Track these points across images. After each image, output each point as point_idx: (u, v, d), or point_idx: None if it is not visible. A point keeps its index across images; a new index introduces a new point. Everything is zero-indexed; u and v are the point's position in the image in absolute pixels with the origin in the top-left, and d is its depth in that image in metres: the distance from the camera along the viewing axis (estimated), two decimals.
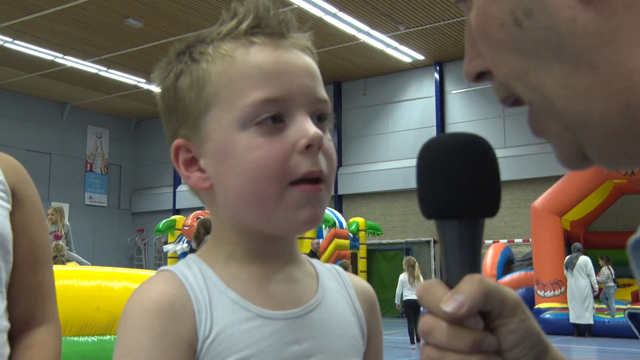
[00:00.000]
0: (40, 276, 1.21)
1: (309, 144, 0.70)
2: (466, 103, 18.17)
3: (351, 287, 0.82)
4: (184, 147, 0.75)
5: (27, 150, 20.06)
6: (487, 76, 0.52)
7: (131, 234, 23.81)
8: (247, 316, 0.70)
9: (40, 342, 1.18)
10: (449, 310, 0.50)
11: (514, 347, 0.52)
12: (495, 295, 0.51)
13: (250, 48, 0.72)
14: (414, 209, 18.61)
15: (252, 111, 0.70)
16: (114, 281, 3.23)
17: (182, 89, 0.74)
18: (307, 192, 0.70)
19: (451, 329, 0.50)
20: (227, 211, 0.74)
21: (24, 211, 1.20)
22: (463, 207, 0.52)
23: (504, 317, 0.52)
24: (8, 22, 15.12)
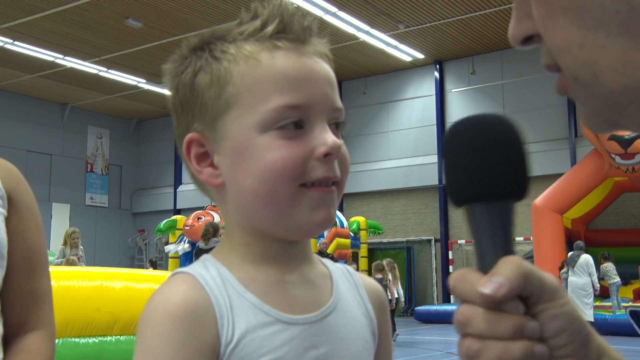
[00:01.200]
0: (35, 282, 1.20)
1: (328, 152, 0.70)
2: (466, 101, 18.16)
3: (362, 288, 0.82)
4: (197, 141, 0.74)
5: (27, 151, 20.08)
6: (536, 40, 0.48)
7: (132, 234, 23.82)
8: (268, 321, 0.70)
9: (32, 347, 1.17)
10: (488, 291, 0.47)
11: (559, 334, 0.49)
12: (534, 277, 0.49)
13: (275, 52, 0.72)
14: (415, 208, 18.61)
15: (274, 116, 0.70)
16: (115, 281, 3.23)
17: (201, 86, 0.73)
18: (321, 194, 0.71)
19: (491, 314, 0.47)
20: (239, 210, 0.74)
21: (20, 217, 1.19)
22: (492, 189, 0.51)
23: (545, 301, 0.49)
24: (8, 24, 15.12)
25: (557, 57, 0.46)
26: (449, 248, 17.60)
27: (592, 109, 0.46)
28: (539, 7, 0.46)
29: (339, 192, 0.73)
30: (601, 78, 0.43)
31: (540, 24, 0.46)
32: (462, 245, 17.54)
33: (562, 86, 0.47)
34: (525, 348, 0.47)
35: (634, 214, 15.77)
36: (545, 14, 0.45)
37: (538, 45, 0.48)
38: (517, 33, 0.49)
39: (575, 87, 0.46)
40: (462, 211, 0.52)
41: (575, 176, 13.02)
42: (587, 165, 13.01)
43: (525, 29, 0.48)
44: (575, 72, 0.45)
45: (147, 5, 14.42)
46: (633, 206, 15.76)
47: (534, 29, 0.47)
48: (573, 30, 0.43)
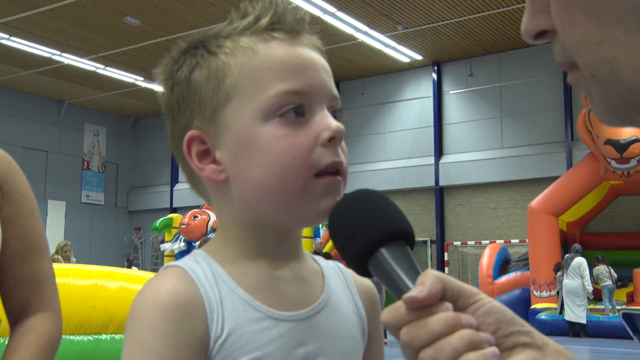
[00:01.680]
0: (35, 266, 1.20)
1: (332, 136, 0.71)
2: (464, 103, 18.18)
3: (353, 286, 0.82)
4: (198, 138, 0.74)
5: (23, 148, 20.02)
6: (549, 35, 0.48)
7: (128, 233, 23.77)
8: (257, 317, 0.70)
9: (34, 328, 1.17)
10: (414, 294, 0.50)
11: (499, 326, 0.51)
12: (451, 281, 0.52)
13: (271, 42, 0.73)
14: (411, 209, 18.62)
15: (275, 102, 0.70)
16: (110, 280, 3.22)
17: (198, 81, 0.74)
18: (330, 183, 0.71)
19: (425, 320, 0.50)
20: (244, 204, 0.73)
21: (13, 203, 1.19)
22: (375, 239, 0.58)
23: (471, 302, 0.52)
24: (5, 19, 15.07)
25: (574, 53, 0.45)
26: (444, 250, 17.62)
27: (609, 106, 0.46)
28: (557, 2, 0.45)
29: (344, 182, 0.74)
30: (620, 75, 0.43)
31: (558, 19, 0.45)
32: (457, 247, 17.56)
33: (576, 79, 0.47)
34: (470, 333, 0.49)
35: (629, 218, 15.81)
36: (563, 9, 0.44)
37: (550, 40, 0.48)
38: (531, 27, 0.48)
39: (592, 84, 0.45)
40: (370, 268, 0.59)
41: (571, 179, 13.04)
42: (583, 169, 13.04)
43: (539, 23, 0.47)
44: (593, 69, 0.44)
45: (145, 3, 14.40)
46: (628, 209, 15.80)
47: (548, 24, 0.47)
48: (592, 27, 0.43)
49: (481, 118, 17.80)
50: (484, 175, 17.31)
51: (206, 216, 14.26)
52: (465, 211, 17.85)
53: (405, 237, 0.59)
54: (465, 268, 17.59)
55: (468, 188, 17.71)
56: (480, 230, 17.47)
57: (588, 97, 0.47)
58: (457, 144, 18.02)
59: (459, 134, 18.06)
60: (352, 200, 0.63)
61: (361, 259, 0.58)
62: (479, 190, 17.52)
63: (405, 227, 0.60)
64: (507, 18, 15.31)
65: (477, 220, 17.62)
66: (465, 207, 17.86)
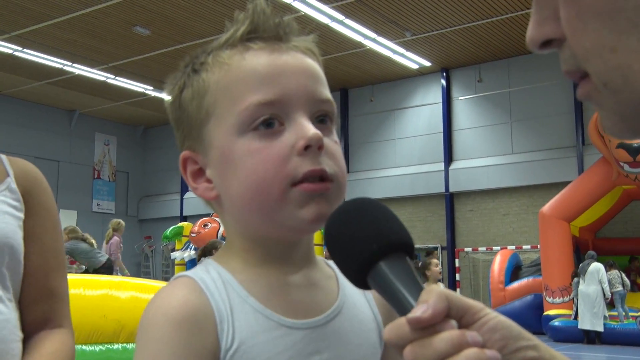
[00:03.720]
0: (53, 282, 1.21)
1: (307, 145, 0.68)
2: (473, 109, 18.13)
3: (369, 292, 0.80)
4: (191, 158, 0.75)
5: (35, 158, 20.16)
6: (555, 44, 0.46)
7: (138, 241, 23.84)
8: (269, 326, 0.69)
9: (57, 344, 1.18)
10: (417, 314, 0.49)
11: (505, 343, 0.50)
12: (456, 298, 0.51)
13: (245, 54, 0.72)
14: (421, 215, 18.56)
15: (248, 115, 0.69)
16: (121, 290, 3.23)
17: (186, 101, 0.74)
18: (309, 191, 0.69)
19: (431, 339, 0.48)
20: (234, 219, 0.73)
21: (37, 217, 1.20)
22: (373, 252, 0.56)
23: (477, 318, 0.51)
24: (18, 31, 15.23)
25: (585, 61, 0.44)
26: (455, 256, 17.53)
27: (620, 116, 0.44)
28: (568, 8, 0.43)
29: (337, 188, 0.71)
30: (634, 83, 0.41)
31: (568, 26, 0.44)
32: (468, 253, 17.47)
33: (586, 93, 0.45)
34: (476, 352, 0.48)
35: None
36: (574, 15, 0.43)
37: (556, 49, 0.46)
38: (537, 36, 0.47)
39: (604, 94, 0.44)
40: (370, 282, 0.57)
41: (583, 184, 12.95)
42: (595, 173, 12.95)
43: (546, 32, 0.46)
44: (606, 77, 0.43)
45: (155, 14, 14.50)
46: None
47: (555, 33, 0.45)
48: (605, 34, 0.41)
49: (491, 124, 17.73)
50: (494, 181, 17.23)
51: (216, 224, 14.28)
52: (475, 217, 17.76)
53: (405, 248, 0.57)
54: (477, 274, 17.48)
55: (478, 194, 17.63)
56: (491, 236, 17.37)
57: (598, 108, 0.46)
58: (467, 150, 17.96)
59: (468, 139, 18.00)
60: (348, 211, 0.60)
61: (359, 273, 0.57)
62: (489, 196, 17.43)
63: (404, 237, 0.58)
64: (515, 23, 15.28)
65: (488, 226, 17.52)
66: (475, 213, 17.77)
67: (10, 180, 1.19)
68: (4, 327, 1.11)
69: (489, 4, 14.22)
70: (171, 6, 14.13)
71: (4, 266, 1.13)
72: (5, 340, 1.11)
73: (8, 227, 1.14)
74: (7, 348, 1.11)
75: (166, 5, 14.11)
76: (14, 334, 1.13)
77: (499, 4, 14.20)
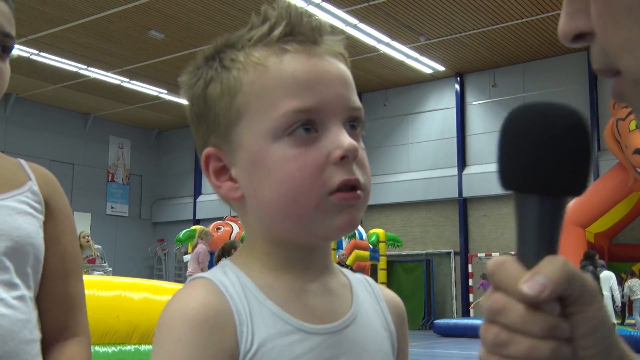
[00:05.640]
0: (71, 287, 1.22)
1: (344, 155, 0.68)
2: (487, 114, 18.05)
3: (382, 300, 0.81)
4: (215, 155, 0.73)
5: (50, 160, 20.36)
6: (588, 38, 0.45)
7: (152, 244, 23.97)
8: (287, 330, 0.69)
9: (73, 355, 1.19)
10: (530, 292, 0.46)
11: (587, 336, 0.48)
12: (577, 280, 0.48)
13: (283, 56, 0.71)
14: (435, 220, 18.48)
15: (285, 121, 0.69)
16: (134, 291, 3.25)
17: (213, 97, 0.72)
18: (345, 201, 0.69)
19: (527, 311, 0.46)
20: (260, 221, 0.73)
21: (56, 222, 1.22)
22: (549, 182, 0.47)
23: (582, 304, 0.48)
24: (35, 35, 15.40)
25: (616, 58, 0.43)
26: (468, 261, 17.43)
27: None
28: (598, 4, 0.42)
29: (366, 196, 0.71)
30: None
31: (598, 22, 0.43)
32: (482, 259, 17.37)
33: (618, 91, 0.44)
34: (553, 349, 0.47)
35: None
36: (604, 11, 0.42)
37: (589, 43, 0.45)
38: (569, 30, 0.46)
39: (636, 91, 0.43)
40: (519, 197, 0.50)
41: (599, 190, 12.83)
42: (611, 179, 12.83)
43: (578, 25, 0.45)
44: (638, 74, 0.42)
45: (169, 17, 14.60)
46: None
47: (587, 26, 0.44)
48: (636, 30, 0.41)
49: None
50: None
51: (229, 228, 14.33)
52: (489, 222, 17.66)
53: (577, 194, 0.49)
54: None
55: (492, 199, 17.53)
56: (504, 242, 17.26)
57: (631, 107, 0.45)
58: (480, 155, 17.88)
59: (482, 144, 17.92)
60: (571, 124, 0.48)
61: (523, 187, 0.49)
62: (503, 201, 17.32)
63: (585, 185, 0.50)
64: (530, 28, 15.20)
65: (501, 232, 17.41)
66: (489, 219, 17.67)
67: (32, 183, 1.21)
68: (24, 326, 1.12)
69: (504, 9, 14.16)
70: (186, 10, 14.22)
71: (28, 265, 1.15)
72: (26, 339, 1.12)
73: (31, 227, 1.16)
74: (27, 348, 1.12)
75: (181, 10, 14.21)
76: (33, 333, 1.14)
77: (513, 8, 14.14)
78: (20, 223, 1.15)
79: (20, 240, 1.13)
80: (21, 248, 1.13)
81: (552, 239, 0.49)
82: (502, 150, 0.50)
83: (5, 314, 1.09)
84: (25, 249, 1.14)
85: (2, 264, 1.11)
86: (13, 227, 1.13)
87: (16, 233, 1.13)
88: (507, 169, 0.49)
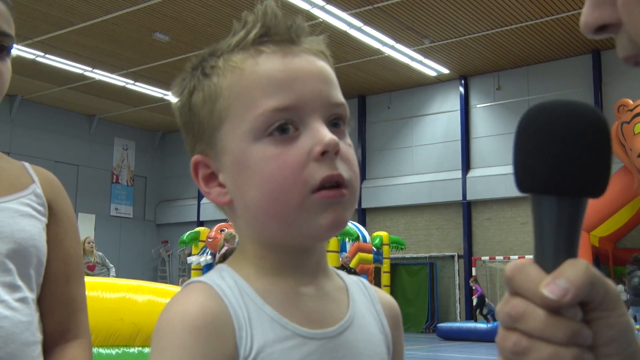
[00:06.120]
0: (73, 289, 1.23)
1: (324, 150, 0.68)
2: (491, 117, 18.02)
3: (378, 303, 0.80)
4: (203, 162, 0.74)
5: (55, 162, 20.42)
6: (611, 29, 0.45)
7: (155, 246, 24.01)
8: (285, 335, 0.68)
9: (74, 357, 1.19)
10: (552, 296, 0.45)
11: (610, 343, 0.46)
12: (599, 284, 0.46)
13: (258, 58, 0.71)
14: (438, 223, 18.45)
15: (263, 121, 0.69)
16: (138, 294, 3.25)
17: (196, 105, 0.73)
18: (328, 199, 0.68)
19: (548, 316, 0.45)
20: (249, 225, 0.73)
21: (59, 224, 1.23)
22: (571, 181, 0.46)
23: (604, 309, 0.47)
24: (40, 37, 15.47)
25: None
26: (472, 264, 17.40)
27: None
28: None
29: (351, 194, 0.70)
30: None
31: (625, 11, 0.43)
32: (485, 262, 17.33)
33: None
34: (576, 356, 0.45)
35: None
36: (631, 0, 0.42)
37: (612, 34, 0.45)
38: (592, 21, 0.45)
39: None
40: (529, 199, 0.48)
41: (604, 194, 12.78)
42: (616, 183, 12.79)
43: (602, 16, 0.44)
44: None
45: (174, 20, 14.64)
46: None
47: (611, 17, 0.44)
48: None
49: (509, 132, 17.60)
50: (512, 189, 17.04)
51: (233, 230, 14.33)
52: (493, 226, 17.62)
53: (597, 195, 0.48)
54: (494, 283, 17.33)
55: (496, 202, 17.50)
56: (508, 245, 17.22)
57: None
58: (484, 158, 17.85)
59: (486, 147, 17.89)
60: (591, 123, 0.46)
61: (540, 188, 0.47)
62: (507, 204, 17.29)
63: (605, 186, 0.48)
64: (535, 31, 15.18)
65: (505, 235, 17.37)
66: (493, 222, 17.64)
67: (36, 186, 1.22)
68: (26, 328, 1.13)
69: (508, 12, 14.15)
70: (190, 13, 14.26)
71: (31, 267, 1.16)
72: (28, 342, 1.12)
73: (35, 229, 1.17)
74: (29, 350, 1.13)
75: (185, 12, 14.24)
76: (35, 335, 1.15)
77: (518, 11, 14.13)
78: (24, 225, 1.15)
79: (23, 243, 1.14)
80: (24, 250, 1.14)
81: (572, 241, 0.47)
82: (521, 149, 0.48)
83: (7, 316, 1.09)
84: (28, 251, 1.14)
85: (5, 266, 1.11)
86: (16, 229, 1.14)
87: (19, 235, 1.13)
88: (527, 169, 0.47)
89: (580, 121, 0.46)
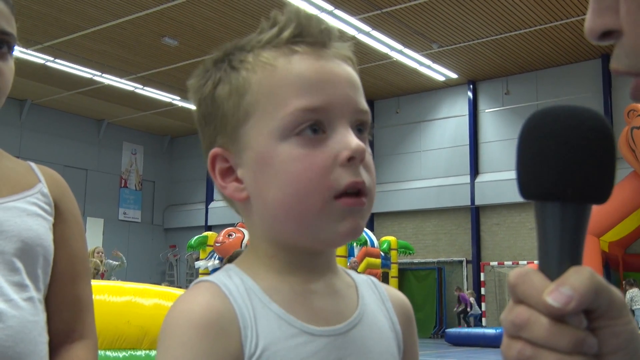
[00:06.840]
0: (80, 289, 1.23)
1: (351, 156, 0.68)
2: (500, 122, 17.97)
3: (388, 300, 0.80)
4: (221, 156, 0.73)
5: (64, 166, 20.53)
6: (615, 36, 0.44)
7: (163, 250, 24.06)
8: (292, 332, 0.68)
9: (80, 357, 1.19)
10: (556, 304, 0.44)
11: (616, 352, 0.46)
12: (604, 292, 0.46)
13: (292, 57, 0.71)
14: (446, 228, 18.39)
15: (292, 120, 0.68)
16: (145, 297, 3.25)
17: (221, 97, 0.73)
18: (350, 206, 0.68)
19: (552, 324, 0.44)
20: (264, 223, 0.72)
21: (66, 224, 1.23)
22: (575, 187, 0.46)
23: (610, 317, 0.46)
24: (50, 42, 15.57)
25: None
26: (480, 270, 17.32)
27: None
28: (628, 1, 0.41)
29: (369, 202, 0.71)
30: None
31: (628, 20, 0.42)
32: (494, 267, 17.24)
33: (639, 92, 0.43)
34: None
35: None
36: (635, 8, 0.41)
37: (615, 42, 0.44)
38: (596, 27, 0.44)
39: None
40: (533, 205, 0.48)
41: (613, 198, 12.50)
42: (626, 188, 12.70)
43: (605, 22, 0.44)
44: None
45: (183, 25, 14.71)
46: None
47: (615, 24, 0.43)
48: None
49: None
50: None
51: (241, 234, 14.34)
52: (502, 231, 17.55)
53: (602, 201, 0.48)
54: (502, 289, 17.23)
55: (505, 207, 17.42)
56: (517, 250, 17.14)
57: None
58: (493, 163, 17.79)
59: (495, 152, 17.84)
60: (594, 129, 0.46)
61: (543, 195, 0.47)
62: (516, 209, 17.22)
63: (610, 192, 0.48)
64: (544, 36, 15.13)
65: (514, 240, 17.29)
66: (502, 227, 17.56)
67: (42, 186, 1.22)
68: (34, 328, 1.13)
69: (517, 16, 14.12)
70: (199, 18, 14.32)
71: (38, 267, 1.16)
72: (35, 341, 1.12)
73: (41, 229, 1.17)
74: (36, 349, 1.13)
75: (195, 17, 14.31)
76: (42, 335, 1.15)
77: (527, 16, 14.09)
78: (31, 224, 1.15)
79: (30, 242, 1.14)
80: (31, 249, 1.14)
81: (577, 248, 0.47)
82: (524, 155, 0.48)
83: (15, 315, 1.09)
84: (35, 250, 1.14)
85: (13, 265, 1.11)
86: (23, 228, 1.14)
87: (26, 234, 1.13)
88: (530, 175, 0.47)
89: (583, 127, 0.46)
